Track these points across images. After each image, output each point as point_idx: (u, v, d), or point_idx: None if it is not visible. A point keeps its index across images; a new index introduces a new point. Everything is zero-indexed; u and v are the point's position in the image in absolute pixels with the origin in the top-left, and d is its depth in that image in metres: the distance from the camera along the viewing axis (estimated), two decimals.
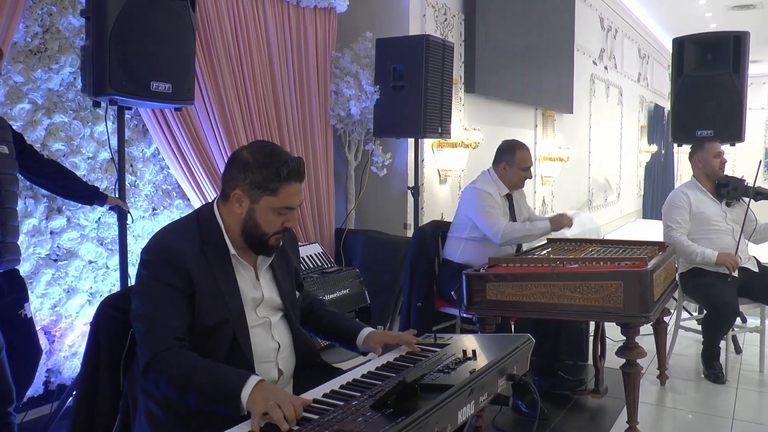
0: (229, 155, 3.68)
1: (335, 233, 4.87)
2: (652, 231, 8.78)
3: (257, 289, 2.07)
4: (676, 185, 14.20)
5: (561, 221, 3.82)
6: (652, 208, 12.63)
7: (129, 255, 3.25)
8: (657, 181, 13.00)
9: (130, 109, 3.13)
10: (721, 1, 9.89)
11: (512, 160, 3.90)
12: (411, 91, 4.61)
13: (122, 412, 2.01)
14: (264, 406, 1.62)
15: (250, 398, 1.69)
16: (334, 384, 1.84)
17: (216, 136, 3.72)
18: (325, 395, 1.76)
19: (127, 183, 3.38)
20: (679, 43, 5.16)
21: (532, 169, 4.02)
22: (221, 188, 2.05)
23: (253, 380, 1.73)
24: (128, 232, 3.29)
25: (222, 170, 2.07)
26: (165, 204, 3.77)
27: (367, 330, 2.25)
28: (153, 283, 1.89)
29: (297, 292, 2.28)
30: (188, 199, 3.80)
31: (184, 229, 2.02)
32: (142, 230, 3.65)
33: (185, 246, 1.93)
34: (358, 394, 1.74)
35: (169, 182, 3.80)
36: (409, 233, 5.21)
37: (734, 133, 4.95)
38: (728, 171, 4.47)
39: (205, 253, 1.96)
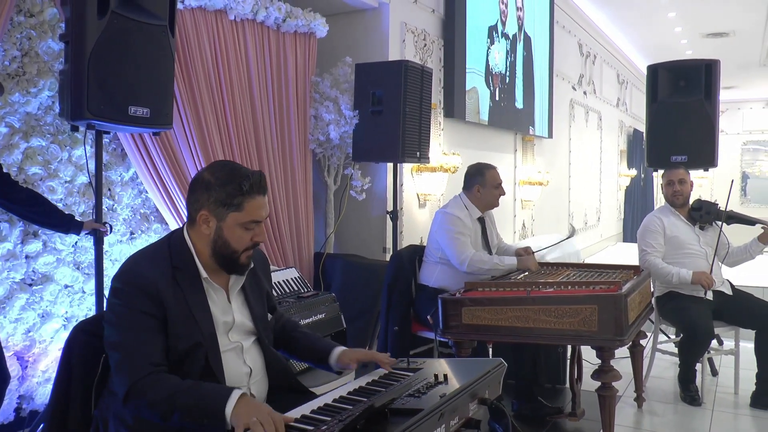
0: None
1: (314, 257, 4.87)
2: (632, 254, 8.85)
3: (228, 313, 2.08)
4: (656, 209, 14.43)
5: (527, 265, 3.84)
6: (632, 231, 12.72)
7: (105, 279, 3.23)
8: (637, 204, 13.15)
9: (108, 133, 3.15)
10: (695, 29, 10.13)
11: (484, 181, 3.96)
12: (389, 116, 4.65)
13: None
14: (247, 420, 1.66)
15: (233, 413, 1.72)
16: (305, 409, 1.85)
17: (195, 160, 3.73)
18: (296, 420, 1.76)
19: (104, 207, 3.37)
20: (653, 71, 5.27)
21: (511, 188, 4.08)
22: (187, 213, 2.07)
23: (235, 395, 1.76)
24: (105, 257, 3.28)
25: None
26: (143, 228, 3.76)
27: (340, 348, 2.27)
28: (126, 312, 1.89)
29: (269, 315, 2.30)
30: (166, 223, 3.80)
31: (154, 255, 2.03)
32: (120, 254, 3.63)
33: (156, 272, 1.94)
34: (329, 419, 1.74)
35: (148, 206, 3.80)
36: (389, 257, 5.22)
37: (707, 158, 5.04)
38: (706, 196, 4.54)
39: (177, 278, 1.97)
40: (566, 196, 9.61)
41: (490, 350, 3.95)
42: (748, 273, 4.54)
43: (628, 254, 9.72)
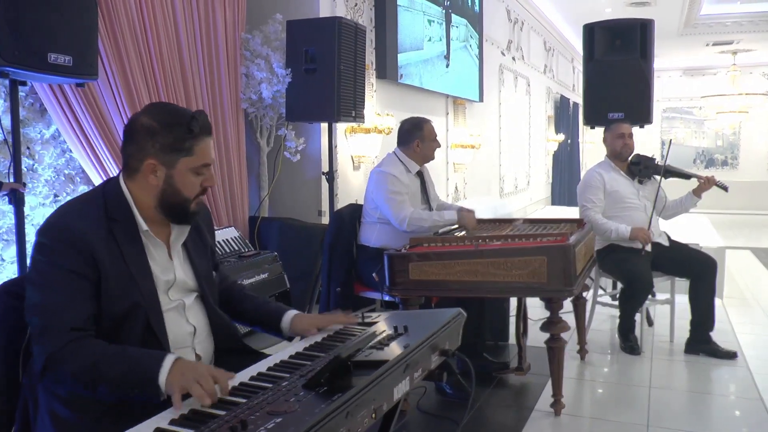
0: None
1: (249, 221, 4.71)
2: (561, 216, 9.03)
3: (169, 271, 1.90)
4: (582, 173, 14.77)
5: (467, 221, 3.75)
6: (560, 194, 13.01)
7: (27, 246, 2.99)
8: (564, 169, 13.41)
9: (25, 84, 2.87)
10: None
11: (423, 135, 3.88)
12: (324, 75, 4.50)
13: (20, 415, 1.80)
14: (184, 384, 1.50)
15: (167, 381, 1.55)
16: (261, 366, 1.72)
17: (123, 118, 3.49)
18: (252, 378, 1.64)
19: (24, 167, 3.11)
20: (590, 30, 5.30)
21: (444, 151, 4.02)
22: (123, 163, 1.86)
23: (169, 360, 1.58)
24: (26, 221, 3.03)
25: None
26: (68, 190, 3.50)
27: (292, 312, 2.12)
28: (50, 270, 1.69)
29: (213, 272, 2.14)
30: (93, 184, 3.55)
31: (86, 206, 1.81)
32: (42, 219, 3.38)
33: (89, 225, 1.74)
34: (288, 375, 1.62)
35: (72, 166, 3.54)
36: (324, 220, 5.12)
37: (643, 115, 5.13)
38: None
39: (113, 231, 1.77)
40: (497, 160, 9.67)
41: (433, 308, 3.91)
42: (681, 231, 4.66)
43: (557, 216, 9.91)
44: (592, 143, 15.86)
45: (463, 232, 3.73)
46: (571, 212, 9.31)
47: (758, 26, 12.13)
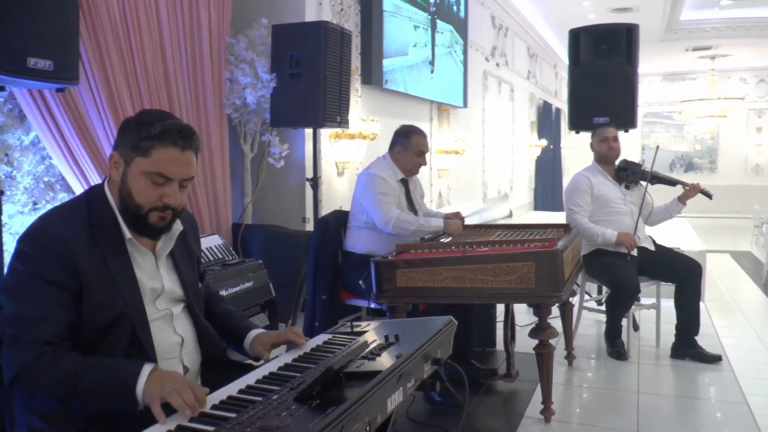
0: None
1: (232, 228, 4.64)
2: (545, 221, 9.05)
3: (156, 279, 1.86)
4: (564, 179, 14.84)
5: (453, 228, 3.74)
6: (543, 200, 13.05)
7: (4, 255, 2.92)
8: (547, 174, 13.45)
9: (3, 89, 2.80)
10: (602, 4, 10.39)
11: (407, 144, 3.83)
12: (309, 80, 4.46)
13: None
14: (160, 393, 1.46)
15: (144, 390, 1.51)
16: (249, 379, 1.68)
17: (104, 124, 3.41)
18: (240, 391, 1.60)
19: (2, 174, 3.04)
20: (575, 35, 5.31)
21: (428, 157, 3.96)
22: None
23: (146, 370, 1.55)
24: (4, 230, 2.95)
25: None
26: (47, 198, 3.42)
27: (255, 332, 2.06)
28: (28, 279, 1.64)
29: (199, 283, 2.10)
30: (73, 192, 3.47)
31: (69, 212, 1.77)
32: (21, 227, 3.30)
33: (71, 231, 1.69)
34: (278, 388, 1.58)
35: (52, 173, 3.46)
36: (308, 227, 5.07)
37: (628, 120, 5.14)
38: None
39: (96, 238, 1.73)
40: (480, 166, 9.68)
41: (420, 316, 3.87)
42: (663, 235, 4.69)
43: (540, 221, 9.93)
44: (574, 148, 15.94)
45: (450, 238, 3.71)
46: (555, 217, 9.35)
47: (736, 32, 12.27)
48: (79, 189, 3.43)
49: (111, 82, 3.47)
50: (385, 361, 1.74)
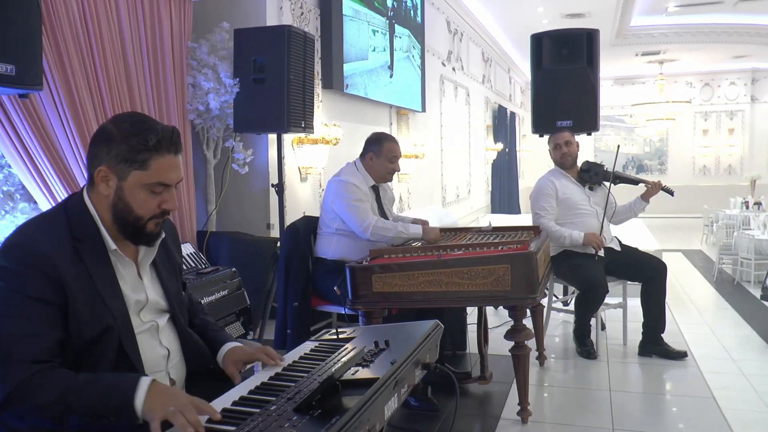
0: (81, 151, 3.32)
1: (197, 236, 4.55)
2: (503, 224, 9.15)
3: (140, 290, 1.80)
4: (520, 182, 15.01)
5: (432, 235, 3.71)
6: (500, 203, 13.17)
7: None
8: (503, 178, 13.58)
9: None
10: (556, 10, 10.56)
11: (379, 151, 3.81)
12: (273, 84, 4.40)
13: None
14: (163, 413, 1.42)
15: (145, 405, 1.47)
16: (242, 389, 1.64)
17: (66, 131, 3.30)
18: (235, 402, 1.55)
19: None
20: (537, 39, 5.37)
21: (400, 162, 3.94)
22: (87, 172, 1.76)
23: (144, 383, 1.50)
24: None
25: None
26: (7, 208, 3.30)
27: (228, 345, 1.97)
28: (11, 296, 1.56)
29: (182, 292, 2.04)
30: (35, 202, 3.35)
31: (49, 225, 1.69)
32: None
33: (54, 246, 1.62)
34: (274, 398, 1.54)
35: (12, 182, 3.33)
36: (273, 233, 5.01)
37: (591, 123, 5.22)
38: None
39: (79, 252, 1.66)
40: (439, 170, 9.72)
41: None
42: (625, 237, 4.78)
43: (498, 224, 10.02)
44: (530, 152, 16.15)
45: (421, 243, 3.69)
46: (513, 220, 9.45)
47: (682, 37, 12.64)
48: (41, 198, 3.32)
49: (72, 88, 3.36)
50: (379, 367, 1.72)
